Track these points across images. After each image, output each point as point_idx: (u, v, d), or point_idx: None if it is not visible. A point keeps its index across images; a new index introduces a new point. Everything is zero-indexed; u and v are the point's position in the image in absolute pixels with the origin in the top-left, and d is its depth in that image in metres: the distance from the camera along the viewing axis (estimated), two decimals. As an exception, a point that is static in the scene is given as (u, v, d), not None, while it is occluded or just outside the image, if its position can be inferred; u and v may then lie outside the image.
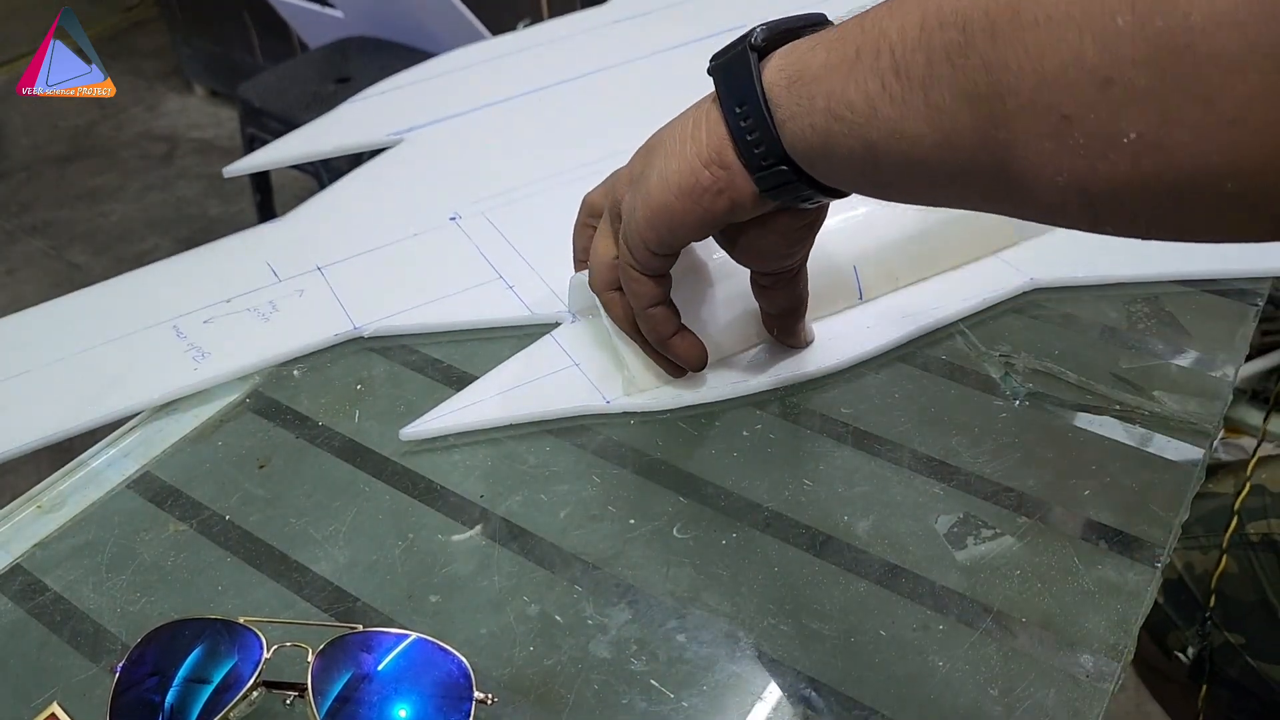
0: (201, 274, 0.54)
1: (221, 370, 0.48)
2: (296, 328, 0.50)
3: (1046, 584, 0.37)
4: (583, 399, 0.45)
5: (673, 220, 0.38)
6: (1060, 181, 0.27)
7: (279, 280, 0.53)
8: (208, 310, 0.51)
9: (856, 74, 0.31)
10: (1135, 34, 0.24)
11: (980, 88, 0.28)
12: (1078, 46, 0.25)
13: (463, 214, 0.57)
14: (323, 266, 0.53)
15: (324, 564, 0.40)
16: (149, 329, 0.50)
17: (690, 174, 0.37)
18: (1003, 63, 0.27)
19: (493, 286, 0.52)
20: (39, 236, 1.95)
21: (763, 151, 0.35)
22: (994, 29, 0.27)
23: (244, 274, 0.53)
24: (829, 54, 0.33)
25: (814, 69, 0.33)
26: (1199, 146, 0.24)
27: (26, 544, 0.42)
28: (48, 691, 0.36)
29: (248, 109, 1.39)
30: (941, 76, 0.29)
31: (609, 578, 0.39)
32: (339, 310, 0.51)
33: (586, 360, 0.47)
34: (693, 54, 0.70)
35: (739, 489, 0.42)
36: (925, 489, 0.41)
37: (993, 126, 0.28)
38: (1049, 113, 0.26)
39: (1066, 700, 0.34)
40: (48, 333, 0.51)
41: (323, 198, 0.59)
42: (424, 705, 0.32)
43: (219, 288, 0.52)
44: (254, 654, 0.33)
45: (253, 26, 2.02)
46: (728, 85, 0.36)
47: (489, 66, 0.71)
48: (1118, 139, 0.25)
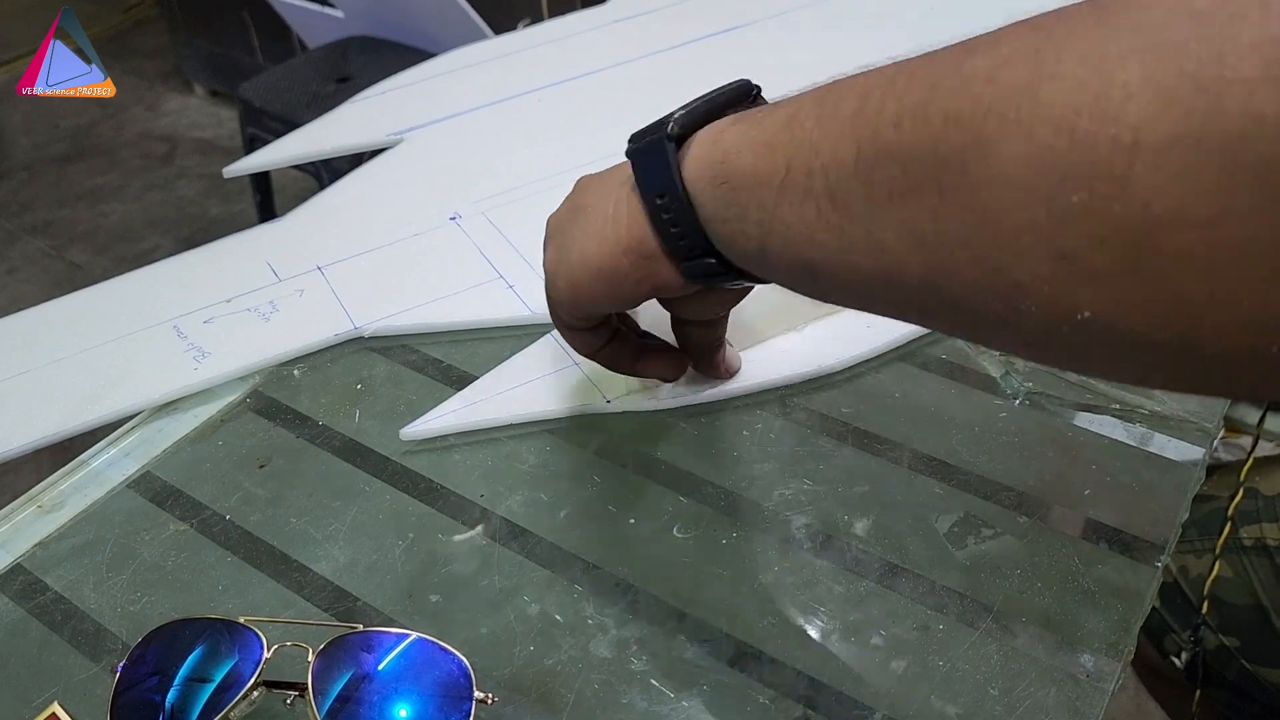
0: (202, 274, 0.54)
1: (222, 370, 0.48)
2: (297, 327, 0.50)
3: (1047, 583, 0.37)
4: (583, 399, 0.45)
5: (594, 298, 0.37)
6: (1009, 341, 0.26)
7: (279, 280, 0.53)
8: (208, 310, 0.51)
9: (790, 194, 0.29)
10: (1092, 213, 0.22)
11: (928, 236, 0.25)
12: (1031, 216, 0.23)
13: (463, 214, 0.57)
14: (323, 266, 0.54)
15: (324, 564, 0.40)
16: (149, 329, 0.50)
17: (609, 259, 0.35)
18: (952, 215, 0.25)
19: (493, 286, 0.52)
20: (39, 236, 1.95)
21: (687, 244, 0.33)
22: (941, 183, 0.25)
23: (244, 274, 0.53)
24: (756, 160, 0.30)
25: (742, 174, 0.31)
26: (1159, 333, 0.23)
27: (27, 543, 0.42)
28: (48, 691, 0.36)
29: (248, 109, 1.39)
30: (884, 216, 0.26)
31: (609, 577, 0.39)
32: (339, 310, 0.51)
33: (586, 360, 0.47)
34: (693, 53, 0.70)
35: (739, 489, 0.42)
36: (925, 488, 0.41)
37: (942, 275, 0.26)
38: (1001, 275, 0.24)
39: (1067, 700, 0.34)
40: (48, 333, 0.51)
41: (323, 198, 0.59)
42: (424, 705, 0.32)
43: (219, 288, 0.52)
44: (254, 653, 0.33)
45: (253, 26, 2.02)
46: (647, 175, 0.34)
47: (488, 66, 0.71)
48: (1072, 314, 0.23)
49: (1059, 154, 0.22)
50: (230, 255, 0.55)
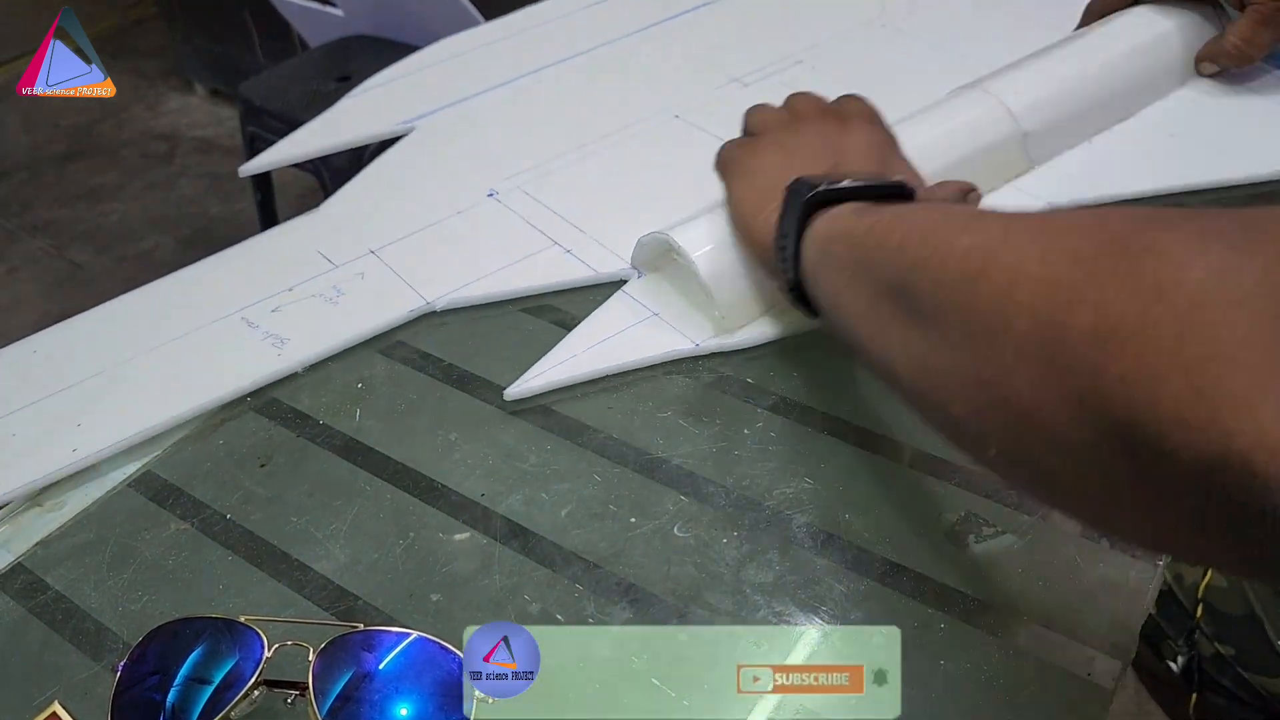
0: (251, 268, 0.54)
1: (308, 353, 0.48)
2: (367, 308, 0.51)
3: (1048, 582, 0.37)
4: (671, 344, 0.47)
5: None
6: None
7: (335, 266, 0.53)
8: (273, 300, 0.51)
9: (847, 296, 0.38)
10: (961, 374, 0.30)
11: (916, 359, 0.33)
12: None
13: (500, 190, 0.58)
14: (375, 249, 0.54)
15: (325, 563, 0.40)
16: (216, 322, 0.50)
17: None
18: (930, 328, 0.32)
19: (551, 253, 0.53)
20: (40, 236, 1.95)
21: (784, 268, 0.42)
22: (904, 294, 0.33)
23: (296, 264, 0.54)
24: (838, 267, 0.39)
25: (827, 260, 0.39)
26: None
27: (28, 543, 0.42)
28: (49, 690, 0.36)
29: (248, 108, 1.39)
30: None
31: (610, 576, 0.39)
32: (405, 288, 0.52)
33: (665, 309, 0.49)
34: (696, 19, 0.73)
35: (740, 487, 0.42)
36: (927, 487, 0.41)
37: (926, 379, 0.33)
38: (938, 410, 0.32)
39: (1069, 699, 0.34)
40: (110, 334, 0.50)
41: (349, 190, 0.60)
42: (425, 704, 0.32)
43: (276, 278, 0.53)
44: (255, 653, 0.33)
45: (253, 25, 2.02)
46: (784, 218, 0.42)
47: (485, 51, 0.72)
48: (985, 451, 0.31)
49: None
50: (276, 248, 0.56)
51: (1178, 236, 0.24)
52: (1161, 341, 0.23)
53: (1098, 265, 0.25)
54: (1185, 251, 0.24)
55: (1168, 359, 0.23)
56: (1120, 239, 0.25)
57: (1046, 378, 0.27)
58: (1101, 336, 0.25)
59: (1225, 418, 0.22)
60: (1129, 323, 0.24)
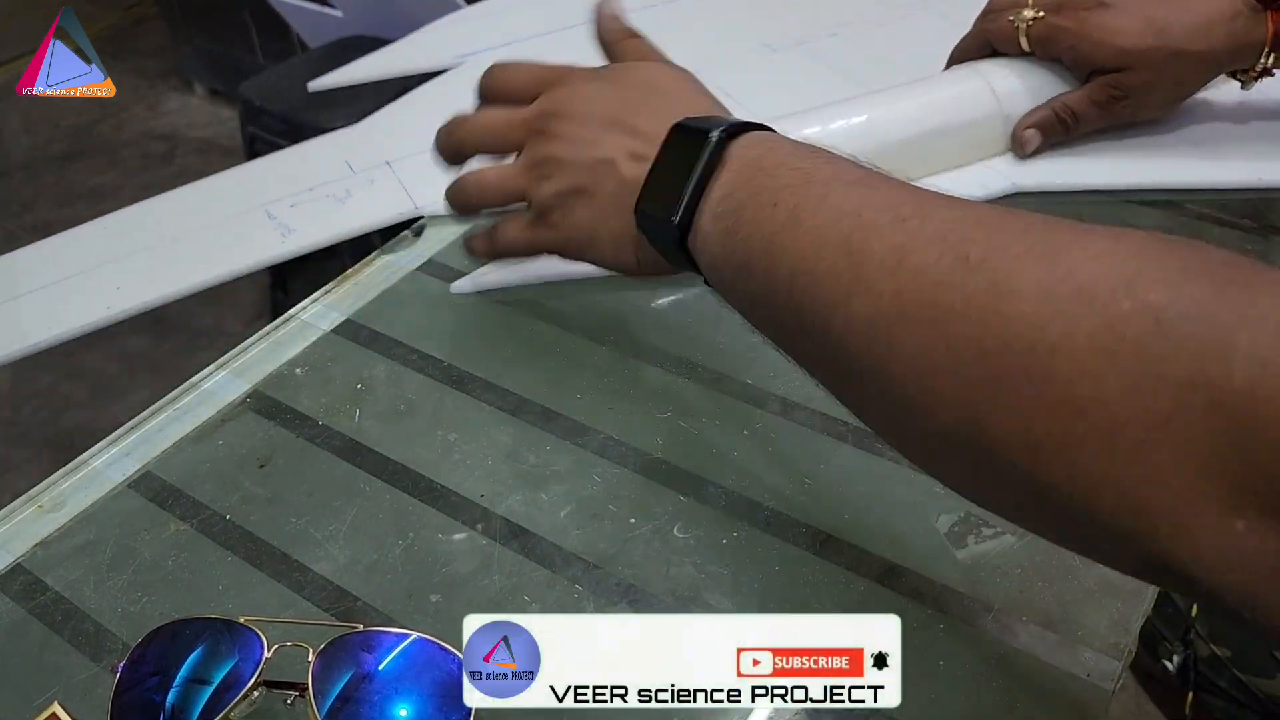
0: (289, 170, 0.64)
1: (305, 242, 0.56)
2: (365, 209, 0.59)
3: (1047, 582, 0.37)
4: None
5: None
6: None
7: (354, 173, 0.63)
8: (294, 197, 0.61)
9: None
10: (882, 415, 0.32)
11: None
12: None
13: None
14: (391, 161, 0.63)
15: (324, 563, 0.40)
16: (243, 214, 0.60)
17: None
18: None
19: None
20: (40, 236, 1.95)
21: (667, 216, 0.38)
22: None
23: (325, 169, 0.63)
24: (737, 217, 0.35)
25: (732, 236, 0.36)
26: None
27: (27, 543, 0.42)
28: (49, 691, 0.36)
29: (248, 108, 1.39)
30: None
31: (610, 577, 0.39)
32: (403, 195, 0.60)
33: None
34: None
35: (739, 488, 0.42)
36: (926, 487, 0.41)
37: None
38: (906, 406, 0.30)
39: (1068, 699, 0.34)
40: (150, 223, 0.60)
41: (393, 109, 0.70)
42: (425, 705, 0.32)
43: (304, 179, 0.62)
44: (255, 653, 0.33)
45: (253, 26, 2.02)
46: (674, 160, 0.38)
47: (540, 1, 0.81)
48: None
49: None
50: (314, 154, 0.66)
51: (1081, 342, 0.24)
52: (1092, 462, 0.23)
53: (1009, 371, 0.25)
54: (1094, 359, 0.23)
55: (1099, 478, 0.23)
56: (1021, 340, 0.25)
57: (977, 469, 0.27)
58: (1030, 447, 0.24)
59: (1162, 536, 0.22)
60: (1055, 439, 0.24)
